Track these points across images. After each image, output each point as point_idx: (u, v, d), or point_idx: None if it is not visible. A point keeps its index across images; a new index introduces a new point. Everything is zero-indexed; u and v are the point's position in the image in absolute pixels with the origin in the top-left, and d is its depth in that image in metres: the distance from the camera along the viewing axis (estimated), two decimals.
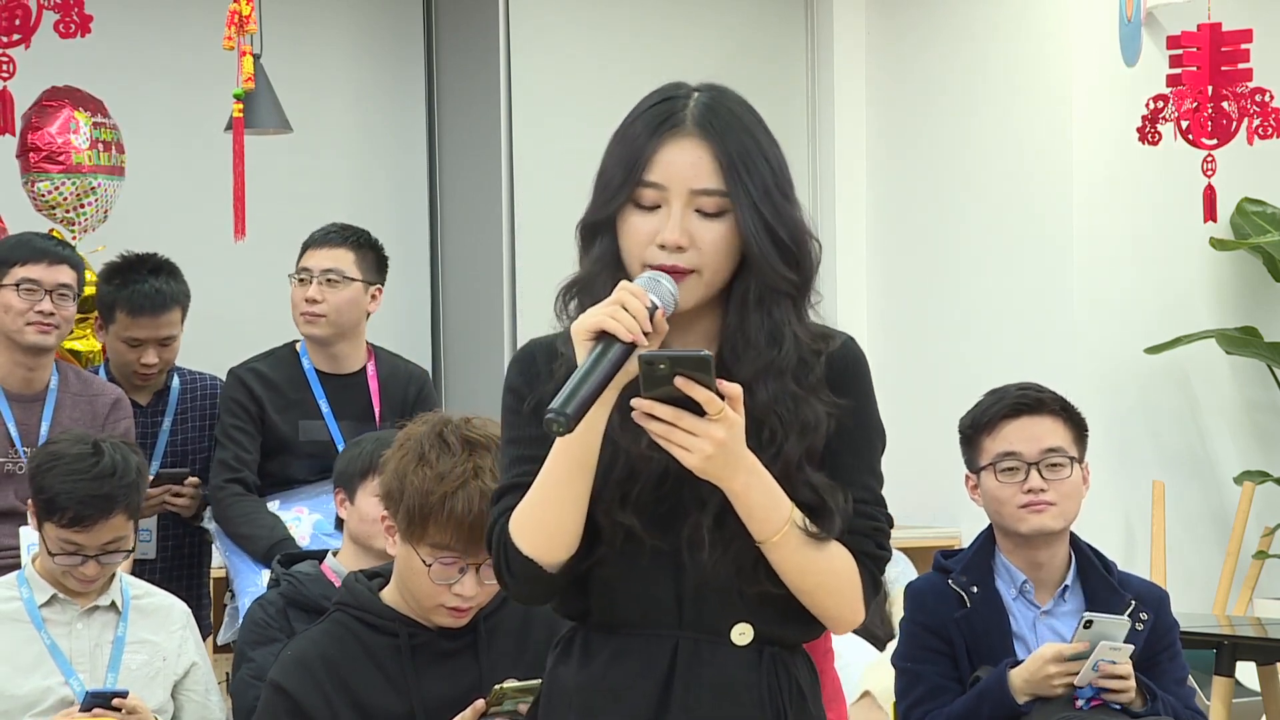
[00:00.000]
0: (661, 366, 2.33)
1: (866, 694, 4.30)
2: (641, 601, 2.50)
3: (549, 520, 2.44)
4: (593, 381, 2.35)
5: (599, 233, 2.52)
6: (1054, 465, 3.98)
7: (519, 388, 2.54)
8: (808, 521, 2.45)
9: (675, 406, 2.35)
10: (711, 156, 2.47)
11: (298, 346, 5.39)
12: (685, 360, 2.34)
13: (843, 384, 2.53)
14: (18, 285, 4.94)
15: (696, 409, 2.35)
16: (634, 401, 2.36)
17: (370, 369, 5.39)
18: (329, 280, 5.29)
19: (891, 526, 2.58)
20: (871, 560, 2.53)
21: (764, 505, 2.43)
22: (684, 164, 2.47)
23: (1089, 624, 3.81)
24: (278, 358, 5.38)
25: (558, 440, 2.40)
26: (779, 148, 2.54)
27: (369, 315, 5.40)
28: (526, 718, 2.70)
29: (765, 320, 2.48)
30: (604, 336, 2.37)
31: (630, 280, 2.43)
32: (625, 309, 2.36)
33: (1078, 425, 4.06)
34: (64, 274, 4.98)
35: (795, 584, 2.48)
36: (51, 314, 4.95)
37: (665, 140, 2.48)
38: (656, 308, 2.40)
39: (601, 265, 2.50)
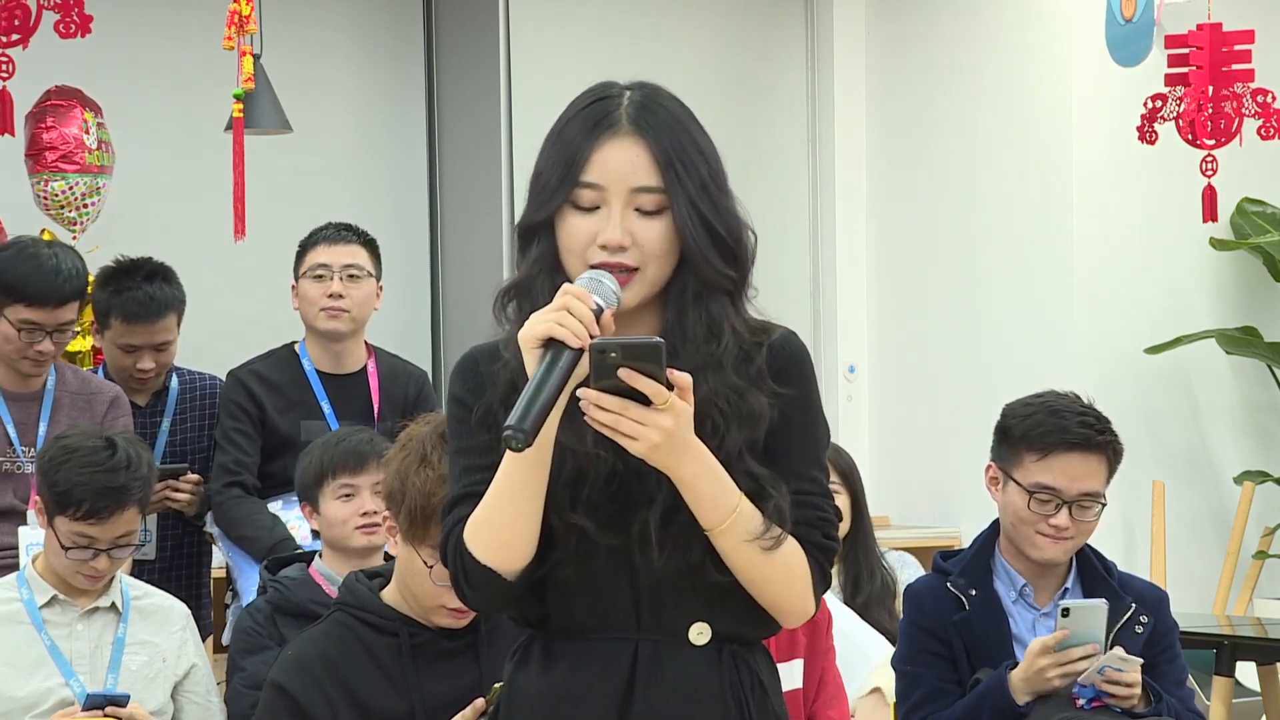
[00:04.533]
0: (613, 355, 2.31)
1: (876, 690, 4.30)
2: (599, 604, 2.50)
3: (505, 528, 2.43)
4: (547, 392, 2.33)
5: (537, 234, 2.52)
6: (1085, 507, 3.96)
7: (463, 397, 2.53)
8: (756, 513, 2.44)
9: (624, 396, 2.34)
10: (649, 154, 2.47)
11: (296, 347, 5.39)
12: (637, 348, 2.33)
13: (786, 376, 2.52)
14: (18, 326, 4.84)
15: (645, 399, 2.34)
16: (580, 392, 2.35)
17: (371, 367, 5.40)
18: (351, 275, 5.31)
19: (840, 519, 2.58)
20: (819, 550, 2.52)
21: (712, 494, 2.42)
22: (622, 163, 2.47)
23: (1066, 612, 3.81)
24: (277, 358, 5.38)
25: (509, 451, 2.39)
26: (712, 142, 2.54)
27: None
28: None
29: (703, 315, 2.47)
30: (552, 344, 2.36)
31: (570, 281, 2.43)
32: (571, 314, 2.35)
33: (1117, 460, 4.03)
34: (68, 313, 4.88)
35: (744, 575, 2.48)
36: (50, 350, 4.91)
37: (602, 140, 2.48)
38: (602, 309, 2.39)
39: (540, 267, 2.50)
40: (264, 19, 5.67)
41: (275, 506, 5.19)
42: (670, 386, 2.35)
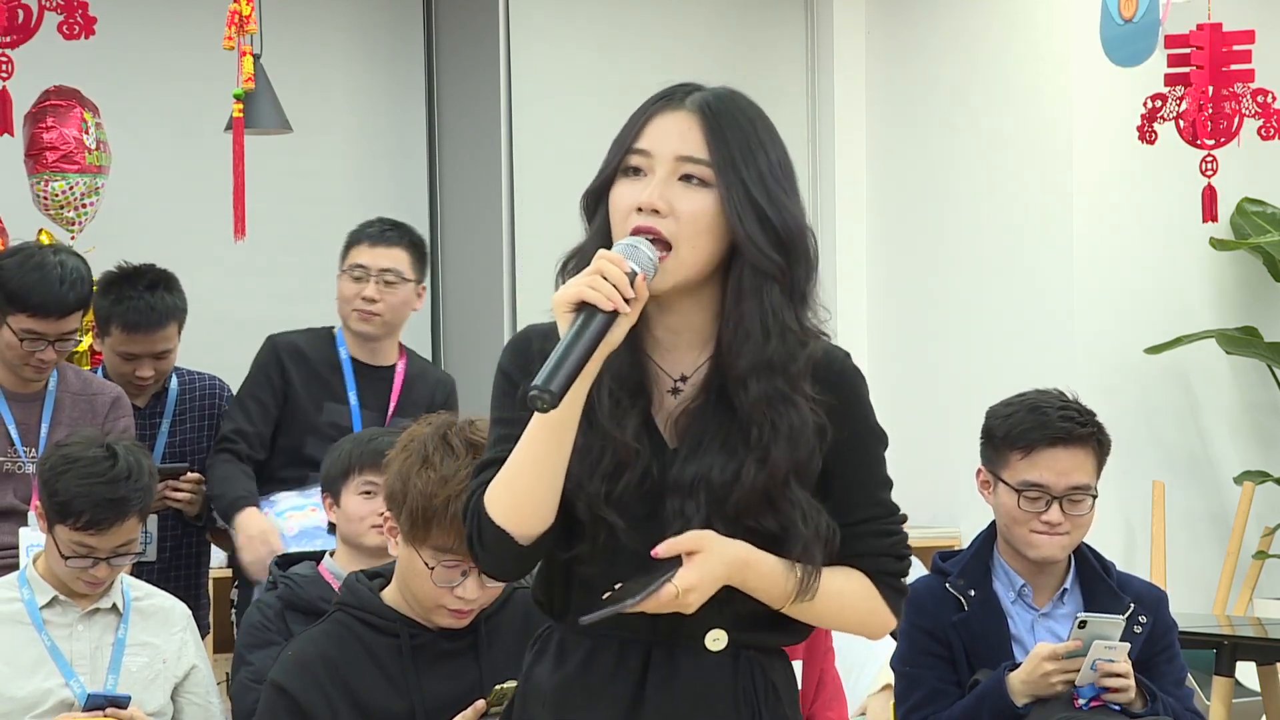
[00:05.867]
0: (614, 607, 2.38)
1: (887, 687, 4.30)
2: None
3: (522, 490, 2.44)
4: (576, 354, 2.34)
5: (596, 206, 2.53)
6: (1075, 500, 3.97)
7: (511, 371, 2.54)
8: (807, 577, 2.46)
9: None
10: (701, 128, 2.47)
11: (335, 331, 5.40)
12: (632, 596, 2.38)
13: (844, 396, 2.52)
14: (21, 335, 4.82)
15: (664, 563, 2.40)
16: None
17: (400, 366, 5.42)
18: (386, 280, 5.30)
19: (904, 522, 2.59)
20: (892, 577, 2.55)
21: (762, 588, 2.46)
22: (672, 132, 2.48)
23: (1083, 624, 3.82)
24: (316, 336, 5.42)
25: (535, 414, 2.39)
26: (784, 150, 2.53)
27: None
28: (503, 716, 2.69)
29: (758, 308, 2.46)
30: (584, 307, 2.36)
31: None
32: (604, 277, 2.35)
33: (1104, 451, 4.03)
34: (71, 323, 4.87)
35: (814, 622, 2.52)
36: (53, 358, 4.90)
37: (658, 111, 2.50)
38: (636, 274, 2.38)
39: (595, 237, 2.51)
40: (264, 19, 5.67)
41: (290, 495, 5.18)
42: (678, 561, 2.39)
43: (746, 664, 2.53)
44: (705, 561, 2.40)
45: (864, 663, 4.31)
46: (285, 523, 5.12)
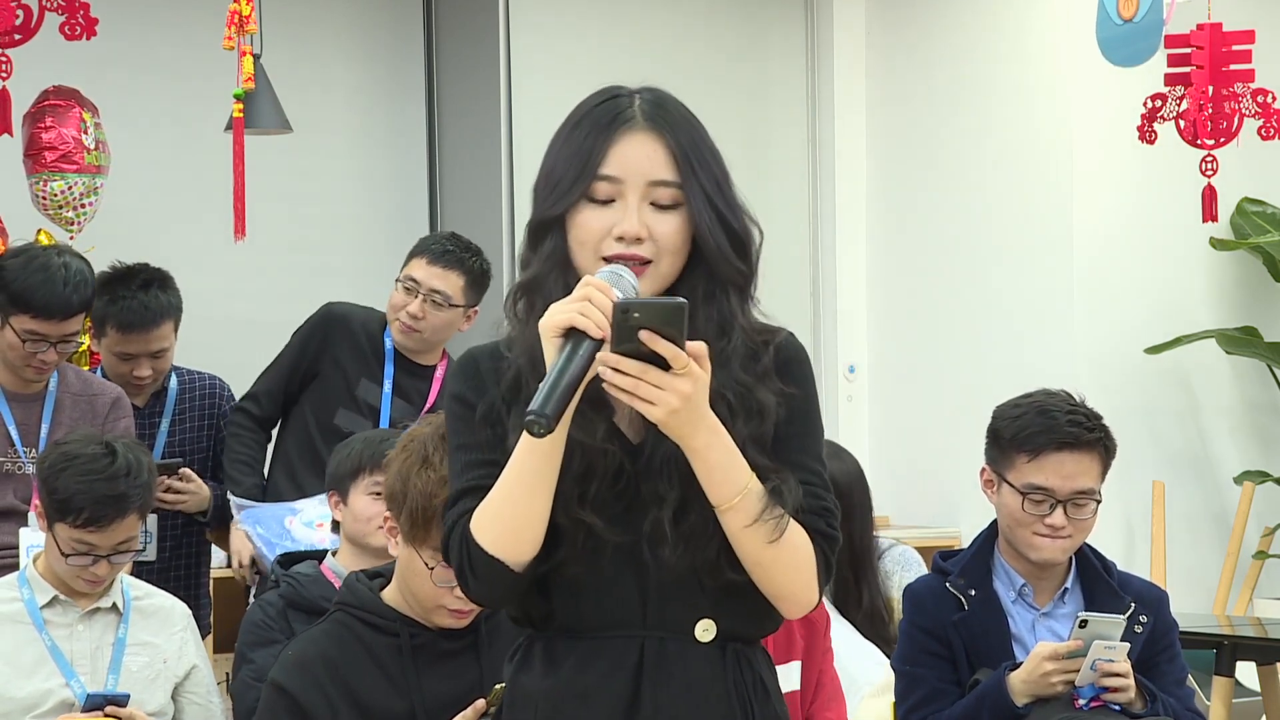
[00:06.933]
0: (636, 315, 2.32)
1: None
2: (606, 602, 2.50)
3: (515, 516, 2.44)
4: (568, 379, 2.34)
5: (548, 231, 2.53)
6: (1080, 505, 3.96)
7: (465, 394, 2.54)
8: (765, 493, 2.44)
9: (643, 361, 2.35)
10: (666, 149, 2.50)
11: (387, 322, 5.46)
12: (660, 309, 2.34)
13: (790, 374, 2.54)
14: (23, 336, 4.83)
15: (664, 364, 2.35)
16: (600, 356, 2.35)
17: (439, 371, 5.44)
18: (434, 301, 5.32)
19: (839, 514, 2.57)
20: (824, 539, 2.52)
21: (723, 466, 2.42)
22: (639, 157, 2.49)
23: (1084, 623, 3.81)
24: (371, 318, 5.47)
25: (524, 438, 2.40)
26: (715, 144, 2.56)
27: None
28: None
29: (714, 314, 2.49)
30: (573, 333, 2.37)
31: (582, 276, 2.44)
32: (592, 304, 2.36)
33: (1110, 455, 4.02)
34: (73, 325, 4.87)
35: (753, 556, 2.47)
36: (54, 360, 4.90)
37: (619, 135, 2.51)
38: None
39: (551, 264, 2.52)
40: (264, 19, 5.67)
41: (311, 504, 5.18)
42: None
43: (734, 657, 2.53)
44: (703, 375, 2.38)
45: (845, 691, 4.25)
46: (314, 533, 5.12)
